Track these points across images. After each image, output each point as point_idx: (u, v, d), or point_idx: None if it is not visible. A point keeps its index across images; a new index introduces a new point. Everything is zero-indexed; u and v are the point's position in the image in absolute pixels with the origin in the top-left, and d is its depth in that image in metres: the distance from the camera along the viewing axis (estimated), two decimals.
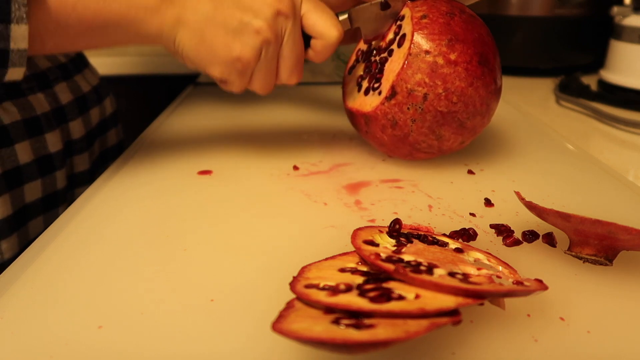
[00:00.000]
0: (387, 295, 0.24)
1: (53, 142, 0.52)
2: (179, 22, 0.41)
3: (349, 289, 0.25)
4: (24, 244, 0.50)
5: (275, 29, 0.42)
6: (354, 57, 0.53)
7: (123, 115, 0.75)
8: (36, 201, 0.51)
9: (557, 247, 0.35)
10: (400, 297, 0.24)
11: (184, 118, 0.67)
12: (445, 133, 0.45)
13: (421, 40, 0.43)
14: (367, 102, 0.47)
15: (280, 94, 0.79)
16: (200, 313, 0.29)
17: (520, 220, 0.39)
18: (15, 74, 0.39)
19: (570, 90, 0.78)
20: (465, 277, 0.26)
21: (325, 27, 0.43)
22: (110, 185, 0.46)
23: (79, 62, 0.60)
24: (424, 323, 0.22)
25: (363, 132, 0.49)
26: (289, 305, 0.25)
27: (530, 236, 0.36)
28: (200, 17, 0.41)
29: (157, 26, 0.41)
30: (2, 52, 0.37)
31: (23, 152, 0.49)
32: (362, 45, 0.52)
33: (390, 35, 0.47)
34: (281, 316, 0.24)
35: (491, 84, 0.44)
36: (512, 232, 0.37)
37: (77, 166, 0.57)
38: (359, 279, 0.27)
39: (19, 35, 0.37)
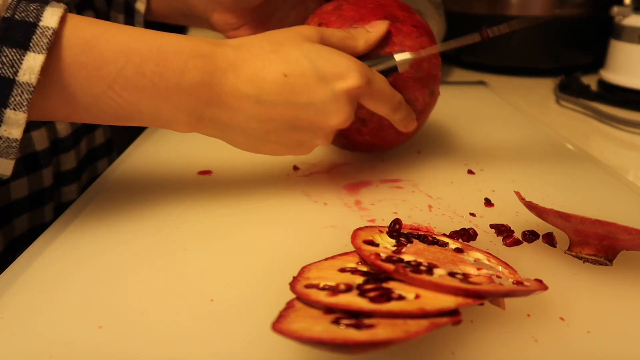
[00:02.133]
0: (387, 295, 0.24)
1: (39, 140, 0.52)
2: (222, 135, 0.38)
3: (349, 289, 0.25)
4: (9, 240, 0.50)
5: (334, 134, 0.40)
6: None
7: None
8: (22, 199, 0.51)
9: (557, 247, 0.35)
10: (400, 297, 0.24)
11: None
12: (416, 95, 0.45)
13: None
14: None
15: None
16: (200, 313, 0.29)
17: (520, 220, 0.39)
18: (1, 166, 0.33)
19: (570, 90, 0.78)
20: (465, 277, 0.26)
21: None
22: (110, 185, 0.46)
23: None
24: (424, 323, 0.22)
25: (360, 148, 0.50)
26: (289, 305, 0.25)
27: (530, 236, 0.36)
28: (249, 137, 0.38)
29: (191, 130, 0.38)
30: None
31: None
32: None
33: None
34: (281, 316, 0.24)
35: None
36: (512, 232, 0.37)
37: (63, 165, 0.57)
38: (359, 279, 0.27)
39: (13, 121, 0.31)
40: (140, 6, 0.57)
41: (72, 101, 0.33)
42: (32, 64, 0.30)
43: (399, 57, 0.41)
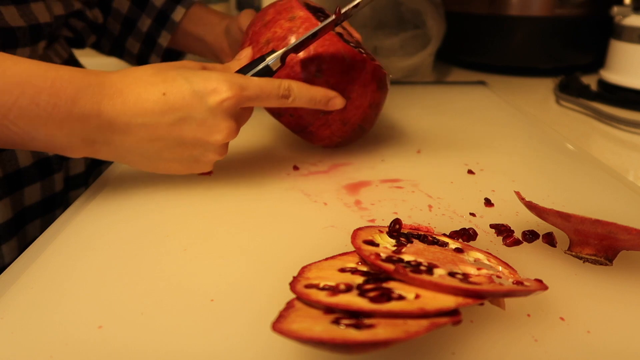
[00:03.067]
0: (387, 295, 0.24)
1: None
2: (118, 157, 0.40)
3: (349, 289, 0.25)
4: (23, 246, 0.51)
5: (226, 147, 0.42)
6: None
7: None
8: (35, 204, 0.52)
9: (557, 247, 0.35)
10: (400, 297, 0.24)
11: None
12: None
13: None
14: None
15: None
16: (200, 313, 0.29)
17: (520, 220, 0.39)
18: None
19: (570, 90, 0.78)
20: (465, 277, 0.26)
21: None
22: (109, 185, 0.46)
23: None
24: (424, 323, 0.22)
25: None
26: (289, 305, 0.25)
27: (530, 236, 0.36)
28: (144, 157, 0.40)
29: (86, 154, 0.39)
30: None
31: (23, 156, 0.49)
32: None
33: None
34: (281, 316, 0.24)
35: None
36: (512, 232, 0.37)
37: (72, 169, 0.57)
38: (359, 279, 0.27)
39: None
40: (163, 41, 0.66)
41: None
42: None
43: (270, 57, 0.43)
